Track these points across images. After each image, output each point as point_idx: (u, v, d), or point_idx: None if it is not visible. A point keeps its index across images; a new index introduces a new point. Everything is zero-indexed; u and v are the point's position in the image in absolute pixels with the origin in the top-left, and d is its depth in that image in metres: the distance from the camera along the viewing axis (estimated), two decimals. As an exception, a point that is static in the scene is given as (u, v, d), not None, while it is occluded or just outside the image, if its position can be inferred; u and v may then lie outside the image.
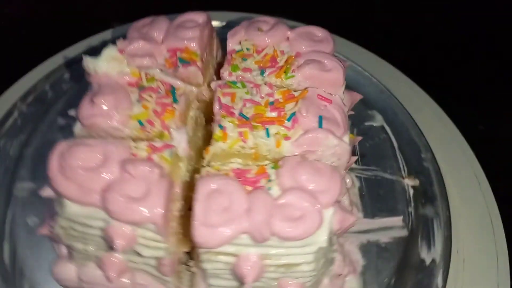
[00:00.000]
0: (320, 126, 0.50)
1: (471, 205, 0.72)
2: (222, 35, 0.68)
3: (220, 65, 0.66)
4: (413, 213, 0.68)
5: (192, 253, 0.53)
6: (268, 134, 0.50)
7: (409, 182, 0.72)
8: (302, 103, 0.51)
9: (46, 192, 0.49)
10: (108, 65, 0.52)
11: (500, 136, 0.87)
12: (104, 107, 0.49)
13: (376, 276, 0.61)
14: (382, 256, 0.63)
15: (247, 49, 0.58)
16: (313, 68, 0.55)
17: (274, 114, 0.51)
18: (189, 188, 0.51)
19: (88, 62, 0.52)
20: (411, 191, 0.71)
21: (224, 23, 0.86)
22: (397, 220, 0.67)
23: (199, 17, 0.61)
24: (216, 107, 0.52)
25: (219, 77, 0.62)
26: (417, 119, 0.77)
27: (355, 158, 0.63)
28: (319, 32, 0.60)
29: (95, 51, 0.81)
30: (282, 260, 0.46)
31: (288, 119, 0.51)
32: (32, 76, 0.82)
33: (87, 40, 0.89)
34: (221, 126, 0.50)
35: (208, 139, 0.60)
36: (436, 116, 0.81)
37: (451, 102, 0.83)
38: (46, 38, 0.99)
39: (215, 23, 0.69)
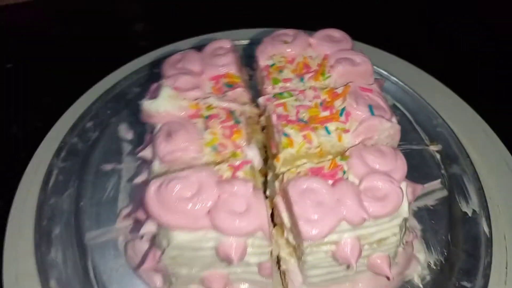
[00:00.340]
0: (372, 113, 0.56)
1: (489, 158, 0.81)
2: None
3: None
4: (445, 174, 0.76)
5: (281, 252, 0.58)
6: (328, 131, 0.56)
7: (434, 148, 0.79)
8: (349, 98, 0.57)
9: (144, 230, 0.52)
10: (168, 103, 0.57)
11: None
12: (180, 142, 0.53)
13: (435, 236, 0.68)
14: (433, 217, 0.71)
15: (279, 61, 0.64)
16: (345, 65, 0.61)
17: (327, 113, 0.57)
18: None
19: (150, 106, 0.56)
20: (438, 156, 0.79)
21: (244, 42, 0.92)
22: (436, 183, 0.74)
23: (225, 43, 0.66)
24: (274, 118, 0.57)
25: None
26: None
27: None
28: (335, 33, 0.67)
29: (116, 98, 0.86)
30: (375, 237, 0.52)
31: (341, 114, 0.57)
32: (57, 129, 0.84)
33: (95, 87, 0.92)
34: (285, 134, 0.55)
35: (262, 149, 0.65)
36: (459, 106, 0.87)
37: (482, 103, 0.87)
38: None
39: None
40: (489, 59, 1.08)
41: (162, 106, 0.56)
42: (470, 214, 0.71)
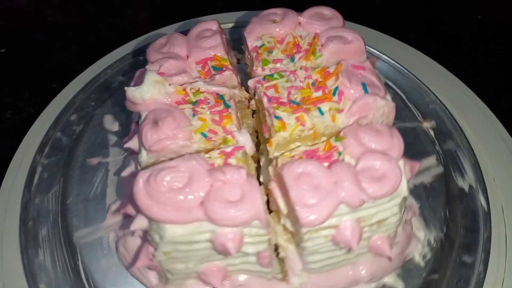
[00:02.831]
0: (366, 92, 0.54)
1: (483, 132, 0.79)
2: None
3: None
4: (440, 151, 0.75)
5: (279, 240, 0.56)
6: (322, 112, 0.54)
7: (427, 125, 0.78)
8: (342, 76, 0.55)
9: (135, 225, 0.50)
10: (153, 90, 0.54)
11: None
12: (168, 130, 0.51)
13: (433, 213, 0.67)
14: (430, 194, 0.69)
15: (268, 42, 0.61)
16: (337, 43, 0.59)
17: (319, 93, 0.55)
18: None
19: (134, 92, 0.53)
20: (432, 132, 0.77)
21: (230, 25, 0.88)
22: (432, 160, 0.73)
23: (212, 25, 0.63)
24: (265, 101, 0.55)
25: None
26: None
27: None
28: (325, 10, 0.64)
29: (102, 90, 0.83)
30: (375, 218, 0.50)
31: (334, 94, 0.55)
32: (40, 124, 0.80)
33: (78, 77, 0.88)
34: (277, 117, 0.53)
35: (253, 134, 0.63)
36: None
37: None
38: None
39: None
40: (479, 35, 1.06)
41: (147, 92, 0.54)
42: (467, 190, 0.70)
